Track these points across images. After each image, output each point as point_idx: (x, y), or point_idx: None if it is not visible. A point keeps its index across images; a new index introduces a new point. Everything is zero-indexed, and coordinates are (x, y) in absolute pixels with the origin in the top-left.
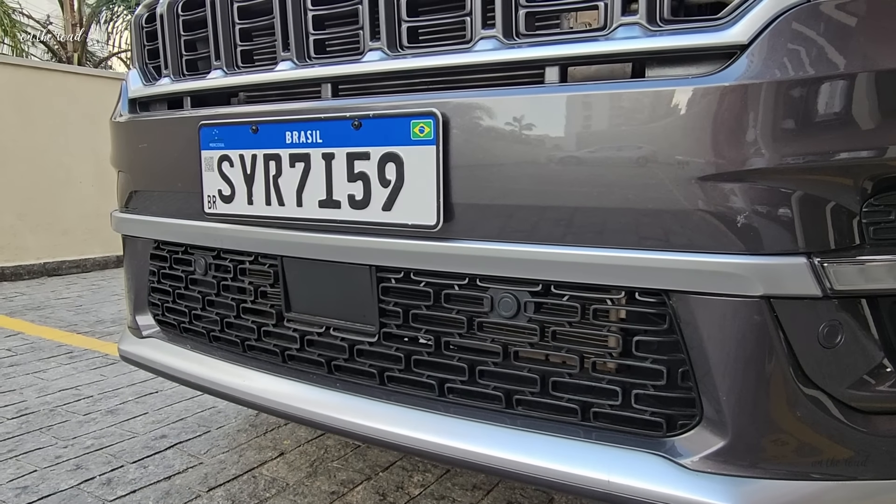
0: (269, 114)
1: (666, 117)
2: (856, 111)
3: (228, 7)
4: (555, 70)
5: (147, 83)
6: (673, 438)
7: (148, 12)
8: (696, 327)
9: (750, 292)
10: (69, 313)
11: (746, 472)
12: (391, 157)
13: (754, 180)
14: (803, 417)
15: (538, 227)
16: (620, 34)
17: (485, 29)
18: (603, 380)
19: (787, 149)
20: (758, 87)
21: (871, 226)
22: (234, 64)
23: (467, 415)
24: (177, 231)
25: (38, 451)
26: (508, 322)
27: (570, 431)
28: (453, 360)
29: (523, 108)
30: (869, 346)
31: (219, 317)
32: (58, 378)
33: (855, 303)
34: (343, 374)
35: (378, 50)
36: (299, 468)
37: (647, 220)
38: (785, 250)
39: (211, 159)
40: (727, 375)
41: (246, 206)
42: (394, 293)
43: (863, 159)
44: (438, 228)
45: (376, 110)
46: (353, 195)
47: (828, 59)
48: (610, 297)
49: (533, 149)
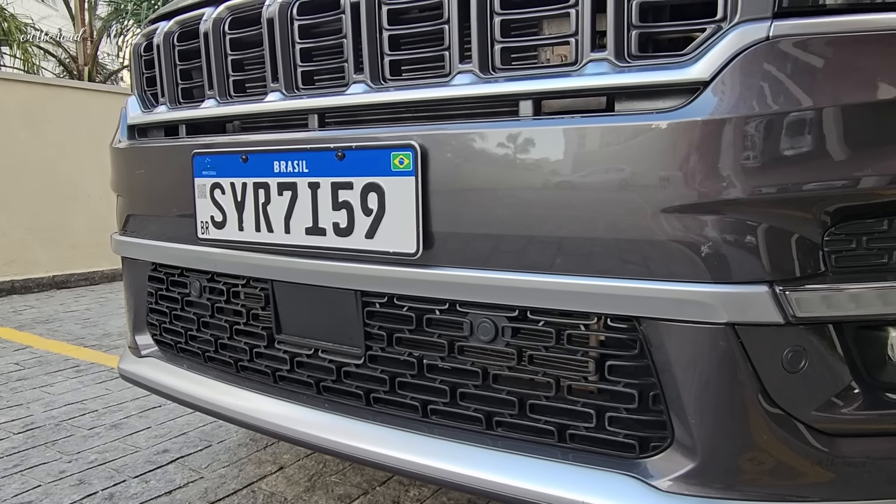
0: (258, 143)
1: (633, 150)
2: (815, 145)
3: (221, 39)
4: (528, 104)
5: (145, 110)
6: (646, 460)
7: (146, 41)
8: (666, 352)
9: (715, 319)
10: (77, 326)
11: (717, 494)
12: (373, 187)
13: (717, 211)
14: (771, 440)
15: (513, 255)
16: (590, 70)
17: (462, 63)
18: (578, 402)
19: (748, 181)
20: (719, 122)
21: (832, 254)
22: (226, 93)
23: (449, 436)
24: (172, 255)
25: (43, 465)
26: (487, 346)
27: (548, 452)
28: (435, 382)
29: (498, 140)
30: (833, 370)
31: (213, 338)
32: (64, 392)
33: (818, 329)
34: (331, 395)
35: (362, 83)
36: (298, 483)
37: (616, 249)
38: (748, 279)
39: (204, 186)
40: (695, 399)
41: (237, 231)
42: (378, 317)
43: (824, 190)
44: (418, 256)
45: (358, 142)
46: (338, 223)
47: (786, 94)
48: (583, 322)
49: (507, 180)
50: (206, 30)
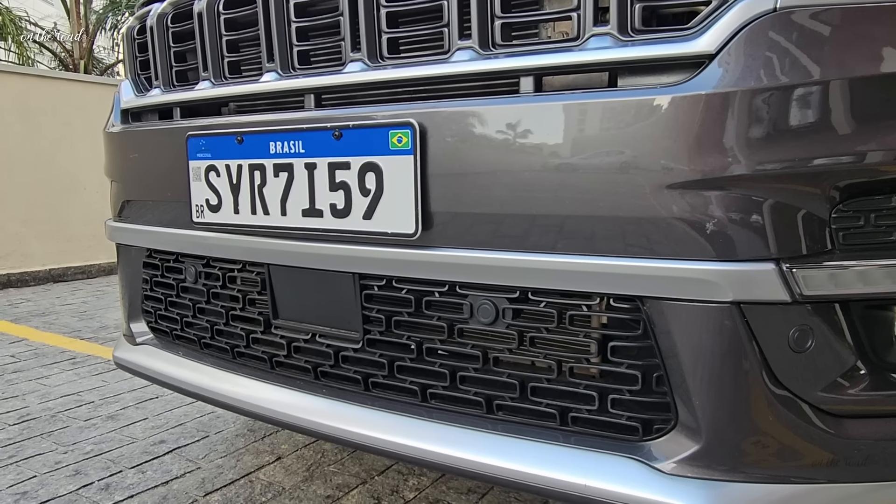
0: (254, 124)
1: (636, 125)
2: (823, 118)
3: (215, 19)
4: (529, 80)
5: (138, 94)
6: (649, 442)
7: (139, 24)
8: (670, 333)
9: (720, 298)
10: (73, 319)
11: (722, 476)
12: (371, 166)
13: (722, 187)
14: (777, 421)
15: (514, 235)
16: (592, 44)
17: (461, 40)
18: (580, 385)
19: (754, 156)
20: (724, 95)
21: (840, 231)
22: (221, 75)
23: (449, 420)
24: (167, 240)
25: (39, 456)
26: (488, 328)
27: (549, 436)
28: (435, 365)
29: (499, 117)
30: (840, 350)
31: (209, 324)
32: (60, 384)
33: (825, 307)
34: (329, 380)
35: (359, 61)
36: (296, 472)
37: (620, 227)
38: (754, 256)
39: (198, 169)
40: (700, 380)
41: (232, 215)
42: (376, 300)
43: (831, 165)
44: (417, 236)
45: (356, 121)
46: (335, 204)
47: (795, 67)
48: (586, 303)
49: (508, 157)
50: (200, 10)
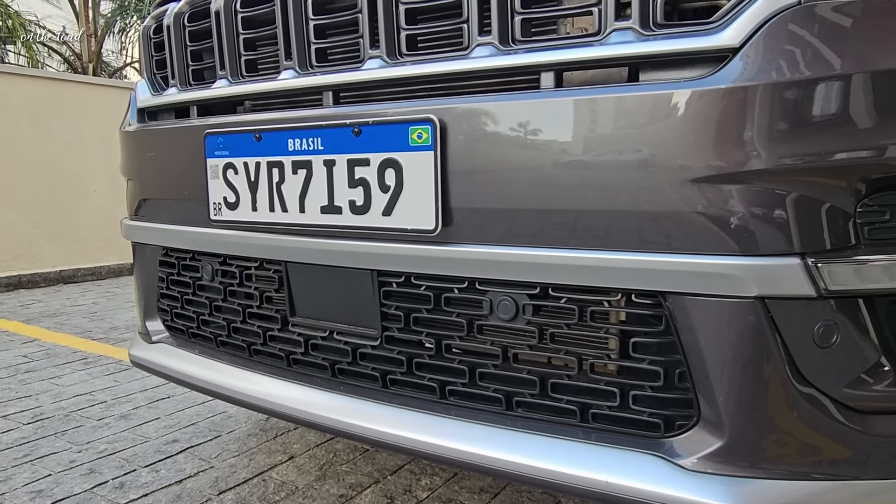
0: (272, 122)
1: (659, 120)
2: (847, 112)
3: (233, 18)
4: (550, 75)
5: (155, 93)
6: (671, 439)
7: (155, 23)
8: (692, 328)
9: (744, 293)
10: (84, 320)
11: (745, 473)
12: (390, 163)
13: (746, 181)
14: (801, 417)
15: (535, 231)
16: (614, 39)
17: (481, 36)
18: (601, 381)
19: (779, 150)
20: (748, 89)
21: (865, 226)
22: (238, 73)
23: (468, 417)
24: (184, 238)
25: (53, 455)
26: (507, 325)
27: (570, 433)
28: (454, 362)
29: (519, 113)
30: (865, 345)
31: (225, 322)
32: (72, 384)
33: (850, 303)
34: (346, 378)
35: (378, 58)
36: (308, 472)
37: (642, 222)
38: (779, 251)
39: (216, 167)
40: (723, 376)
41: (250, 212)
42: (395, 297)
43: (856, 159)
44: (437, 233)
45: (375, 117)
46: (354, 201)
47: (817, 60)
48: (607, 299)
49: (529, 153)
50: (217, 8)
